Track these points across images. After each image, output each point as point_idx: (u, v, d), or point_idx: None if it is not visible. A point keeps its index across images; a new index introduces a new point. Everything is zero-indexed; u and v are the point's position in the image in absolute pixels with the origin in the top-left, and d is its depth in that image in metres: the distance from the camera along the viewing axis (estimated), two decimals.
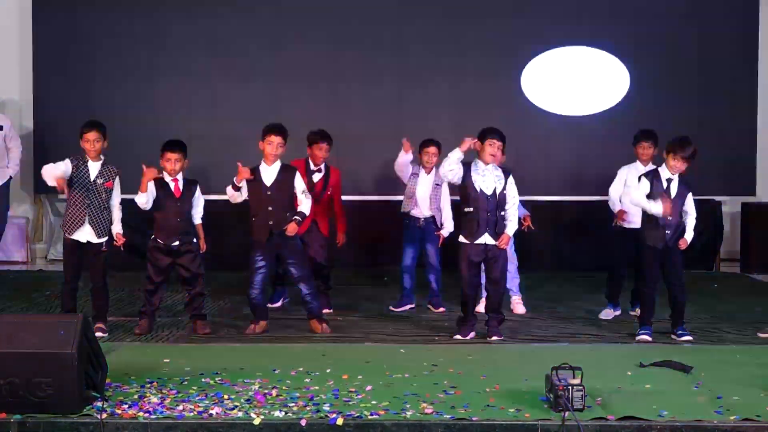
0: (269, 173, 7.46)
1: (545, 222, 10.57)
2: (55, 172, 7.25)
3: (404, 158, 8.58)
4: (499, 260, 7.30)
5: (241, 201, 7.50)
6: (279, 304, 8.74)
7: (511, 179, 7.33)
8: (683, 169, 7.27)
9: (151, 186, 7.36)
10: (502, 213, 7.26)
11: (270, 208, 7.40)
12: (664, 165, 7.33)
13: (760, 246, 11.29)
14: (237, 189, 7.42)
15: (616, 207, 8.19)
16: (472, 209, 7.23)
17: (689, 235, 7.34)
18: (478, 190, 7.22)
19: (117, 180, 7.46)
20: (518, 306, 8.52)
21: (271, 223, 7.40)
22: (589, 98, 11.41)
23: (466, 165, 7.26)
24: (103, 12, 11.34)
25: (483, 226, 7.23)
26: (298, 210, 7.46)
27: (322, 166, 8.45)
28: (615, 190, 8.24)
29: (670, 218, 7.24)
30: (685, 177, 7.36)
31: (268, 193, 7.41)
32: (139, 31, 11.34)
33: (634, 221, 7.86)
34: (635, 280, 8.26)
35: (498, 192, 7.24)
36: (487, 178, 7.23)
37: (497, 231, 7.25)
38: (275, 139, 7.41)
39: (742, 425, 5.05)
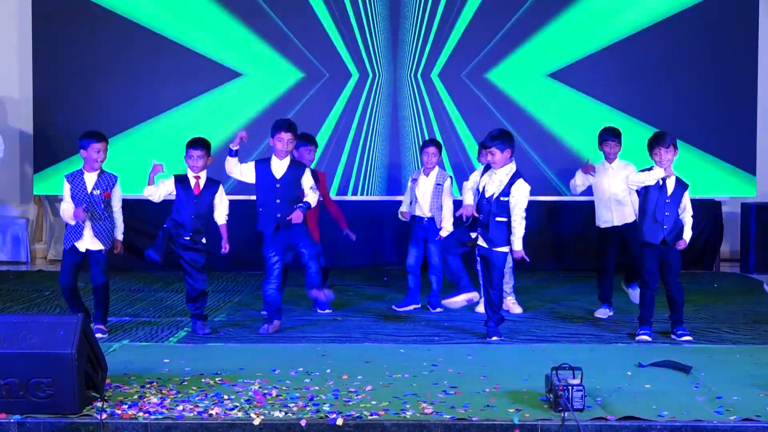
0: (279, 167, 7.50)
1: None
2: (69, 208, 7.31)
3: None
4: (495, 264, 7.27)
5: (240, 177, 7.55)
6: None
7: (516, 186, 7.18)
8: (672, 160, 7.25)
9: (169, 183, 7.42)
10: (497, 219, 7.20)
11: (278, 201, 7.45)
12: (654, 166, 7.31)
13: (760, 246, 11.30)
14: (233, 155, 7.46)
15: (575, 190, 8.45)
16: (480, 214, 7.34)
17: (687, 234, 7.33)
18: (481, 190, 7.32)
19: (116, 187, 7.46)
20: (514, 306, 8.51)
21: (278, 215, 7.44)
22: None
23: (487, 167, 7.36)
24: (102, 12, 11.34)
25: (478, 227, 7.27)
26: (303, 201, 7.51)
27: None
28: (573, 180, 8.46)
29: (667, 214, 7.22)
30: (680, 177, 7.36)
31: (277, 185, 7.46)
32: (138, 31, 11.34)
33: (609, 219, 8.16)
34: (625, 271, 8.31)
35: (495, 197, 7.22)
36: (492, 183, 7.26)
37: (489, 237, 7.22)
38: (285, 136, 7.45)
39: (742, 425, 5.05)
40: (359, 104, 11.45)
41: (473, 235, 7.33)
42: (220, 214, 7.56)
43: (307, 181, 7.56)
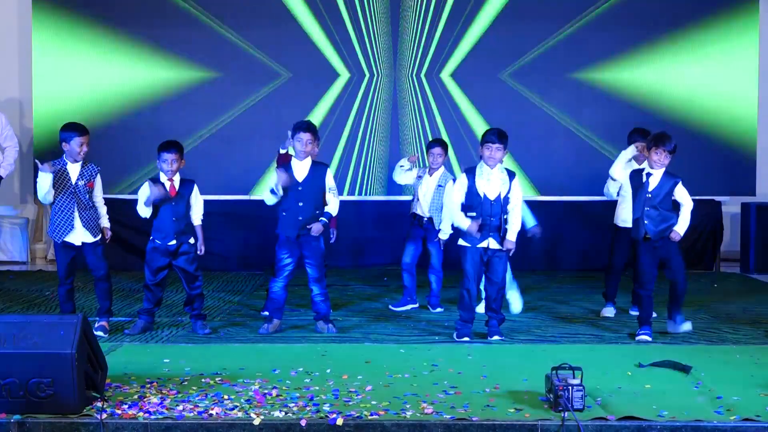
0: (301, 169, 7.44)
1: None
2: (46, 184, 7.24)
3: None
4: (500, 261, 7.28)
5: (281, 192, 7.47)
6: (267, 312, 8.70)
7: (515, 181, 7.25)
8: (666, 163, 7.24)
9: (146, 188, 7.38)
10: (506, 217, 7.22)
11: (300, 204, 7.41)
12: (645, 162, 7.31)
13: (760, 246, 11.30)
14: (274, 192, 7.40)
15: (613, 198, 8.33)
16: (475, 214, 7.16)
17: (681, 227, 7.22)
18: (482, 195, 7.16)
19: (98, 177, 7.46)
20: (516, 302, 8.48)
21: (300, 219, 7.41)
22: None
23: (470, 170, 7.25)
24: (102, 12, 11.34)
25: (486, 232, 7.18)
26: (326, 210, 7.48)
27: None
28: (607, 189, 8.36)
29: (647, 209, 7.18)
30: (670, 170, 7.27)
31: (300, 188, 7.41)
32: (138, 32, 11.34)
33: (628, 219, 7.90)
34: (634, 281, 8.28)
35: (503, 196, 7.20)
36: (492, 183, 7.19)
37: (501, 234, 7.22)
38: (304, 136, 7.41)
39: (742, 425, 5.05)
40: (360, 104, 11.45)
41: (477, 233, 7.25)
42: (195, 215, 7.51)
43: (329, 180, 7.51)
